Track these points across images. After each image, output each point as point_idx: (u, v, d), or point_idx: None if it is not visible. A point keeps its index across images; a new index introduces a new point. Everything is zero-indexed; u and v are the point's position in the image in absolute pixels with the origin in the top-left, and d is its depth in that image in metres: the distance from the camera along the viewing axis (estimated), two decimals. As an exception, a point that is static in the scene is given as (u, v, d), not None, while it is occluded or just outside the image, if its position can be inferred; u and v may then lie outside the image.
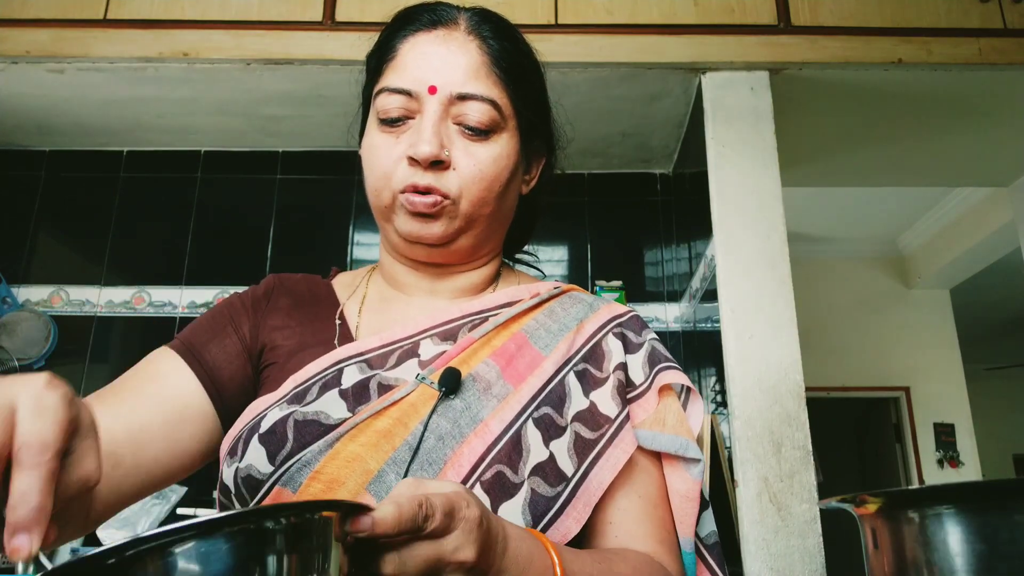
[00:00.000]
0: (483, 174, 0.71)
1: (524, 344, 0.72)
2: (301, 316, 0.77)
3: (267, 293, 0.80)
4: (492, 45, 0.72)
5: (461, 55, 0.71)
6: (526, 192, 0.80)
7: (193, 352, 0.73)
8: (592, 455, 0.67)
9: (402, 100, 0.70)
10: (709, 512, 0.73)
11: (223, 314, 0.77)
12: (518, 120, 0.74)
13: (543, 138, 0.81)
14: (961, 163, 2.53)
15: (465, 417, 0.64)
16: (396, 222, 0.72)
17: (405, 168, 0.70)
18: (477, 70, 0.71)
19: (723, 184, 1.86)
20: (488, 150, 0.71)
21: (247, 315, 0.77)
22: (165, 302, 2.29)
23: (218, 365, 0.73)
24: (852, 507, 0.49)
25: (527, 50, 0.78)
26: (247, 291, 0.81)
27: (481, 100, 0.70)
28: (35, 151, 2.43)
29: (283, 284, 0.82)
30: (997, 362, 6.10)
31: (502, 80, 0.72)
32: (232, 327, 0.76)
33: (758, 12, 1.94)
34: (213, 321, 0.76)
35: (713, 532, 0.72)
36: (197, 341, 0.74)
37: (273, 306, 0.78)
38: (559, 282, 0.83)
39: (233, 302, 0.79)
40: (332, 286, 0.83)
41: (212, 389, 0.72)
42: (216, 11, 1.94)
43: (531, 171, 0.80)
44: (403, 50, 0.72)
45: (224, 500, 0.66)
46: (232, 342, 0.75)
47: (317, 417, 0.64)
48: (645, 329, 0.79)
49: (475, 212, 0.72)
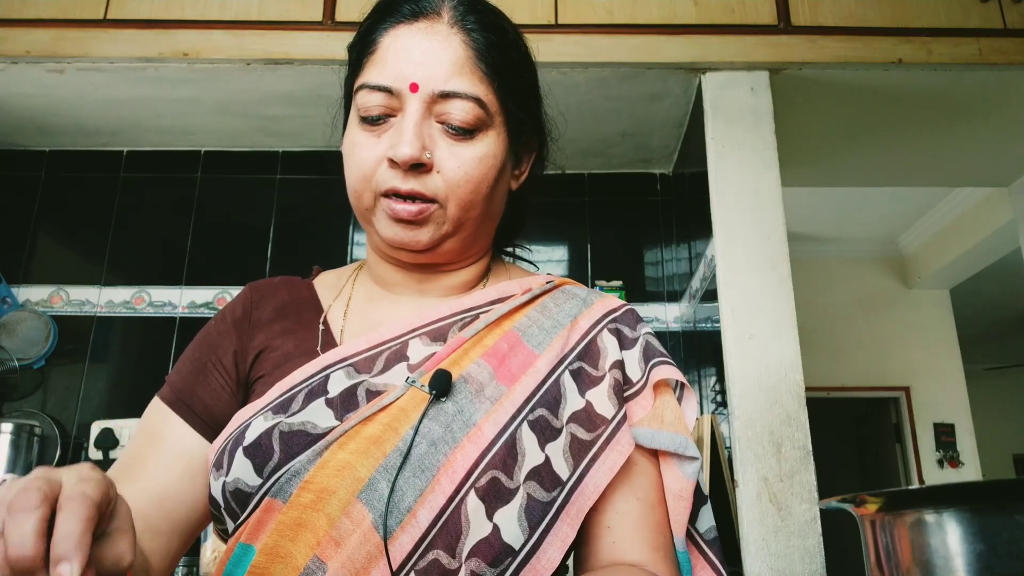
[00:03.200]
0: (469, 176, 0.67)
1: (517, 343, 0.70)
2: (283, 326, 0.75)
3: (246, 311, 0.77)
4: (477, 38, 0.68)
5: (444, 49, 0.67)
6: (516, 188, 0.77)
7: (183, 401, 0.72)
8: (588, 457, 0.65)
9: (383, 97, 0.67)
10: (708, 507, 0.71)
11: (202, 349, 0.75)
12: (505, 116, 0.71)
13: (533, 132, 0.77)
14: (961, 163, 2.53)
15: (458, 421, 0.62)
16: (378, 226, 0.70)
17: (385, 170, 0.67)
18: (461, 66, 0.67)
19: (723, 184, 1.86)
20: (473, 150, 0.68)
21: (229, 341, 0.75)
22: (165, 302, 2.29)
23: (208, 406, 0.71)
24: (852, 507, 0.49)
25: (516, 41, 0.74)
26: (224, 312, 0.78)
27: (465, 98, 0.67)
28: (35, 151, 2.43)
29: (260, 295, 0.79)
30: (997, 362, 6.10)
31: (488, 76, 0.68)
32: (211, 363, 0.73)
33: (758, 12, 1.94)
34: (194, 360, 0.74)
35: (713, 527, 0.71)
36: (183, 387, 0.73)
37: (255, 323, 0.75)
38: (551, 275, 0.80)
39: (210, 332, 0.76)
40: (314, 287, 0.80)
41: (209, 432, 0.70)
42: (216, 11, 1.94)
43: (521, 166, 0.77)
44: (383, 43, 0.69)
45: (215, 513, 0.65)
46: (215, 379, 0.73)
47: (303, 427, 0.62)
48: (640, 323, 0.76)
49: (462, 215, 0.69)
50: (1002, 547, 0.41)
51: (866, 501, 0.47)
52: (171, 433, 0.70)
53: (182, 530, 0.68)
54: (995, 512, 0.41)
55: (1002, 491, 0.43)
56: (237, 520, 0.63)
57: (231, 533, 0.64)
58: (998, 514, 0.41)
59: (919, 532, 0.44)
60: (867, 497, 0.47)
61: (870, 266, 4.79)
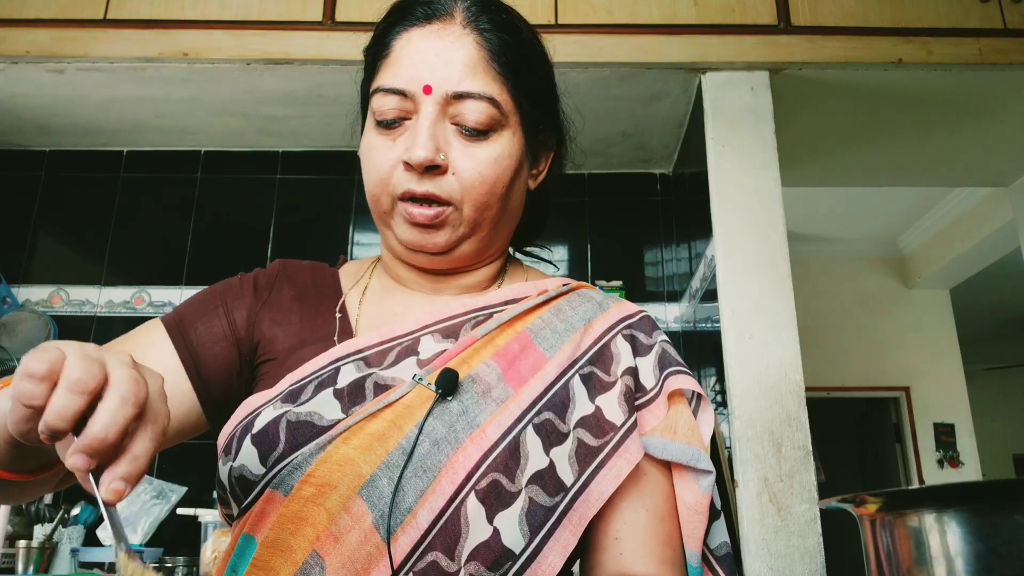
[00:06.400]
0: (484, 177, 0.67)
1: (528, 344, 0.69)
2: (302, 310, 0.75)
3: (270, 282, 0.78)
4: (490, 38, 0.68)
5: (457, 50, 0.67)
6: (534, 187, 0.77)
7: (181, 328, 0.72)
8: (594, 464, 0.64)
9: (397, 100, 0.67)
10: (721, 522, 0.69)
11: (217, 294, 0.76)
12: (521, 116, 0.71)
13: (550, 130, 0.77)
14: (961, 163, 2.53)
15: (462, 422, 0.62)
16: (396, 229, 0.70)
17: (401, 173, 0.67)
18: (474, 66, 0.67)
19: (723, 184, 1.86)
20: (488, 151, 0.68)
21: (245, 301, 0.75)
22: (165, 302, 2.29)
23: (202, 343, 0.72)
24: (852, 507, 0.49)
25: (531, 39, 0.74)
26: (251, 274, 0.79)
27: (479, 98, 0.67)
28: (35, 151, 2.43)
29: (288, 273, 0.79)
30: (997, 362, 6.10)
31: (502, 75, 0.68)
32: (223, 308, 0.74)
33: (758, 12, 1.94)
34: (208, 299, 0.75)
35: (725, 543, 0.69)
36: (187, 317, 0.73)
37: (275, 297, 0.76)
38: (568, 278, 0.79)
39: (232, 284, 0.77)
40: (339, 275, 0.80)
41: (192, 369, 0.71)
42: (216, 11, 1.94)
43: (538, 165, 0.77)
44: (397, 46, 0.69)
45: (221, 495, 0.66)
46: (220, 324, 0.73)
47: (310, 418, 0.62)
48: (656, 330, 0.75)
49: (479, 217, 0.69)
50: (1002, 547, 0.41)
51: (866, 501, 0.47)
52: (156, 350, 0.71)
53: None
54: (995, 512, 0.41)
55: (1002, 491, 0.43)
56: (241, 504, 0.63)
57: (236, 518, 0.64)
58: (998, 514, 0.41)
59: (919, 532, 0.44)
60: (867, 497, 0.47)
61: (870, 266, 4.79)
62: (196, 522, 1.74)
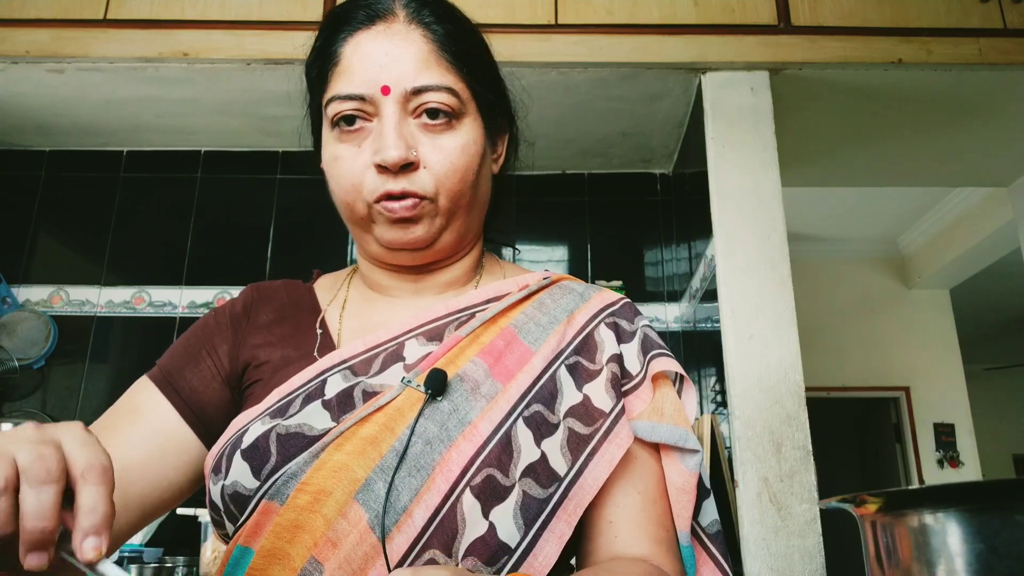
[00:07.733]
0: (455, 166, 0.68)
1: (513, 339, 0.69)
2: (283, 330, 0.75)
3: (246, 309, 0.77)
4: (436, 30, 0.69)
5: (407, 47, 0.68)
6: (496, 171, 0.78)
7: (170, 381, 0.72)
8: (587, 452, 0.65)
9: (356, 105, 0.67)
10: (711, 500, 0.71)
11: (198, 337, 0.75)
12: (478, 103, 0.72)
13: (503, 114, 0.78)
14: (961, 163, 2.53)
15: (453, 419, 0.62)
16: (376, 232, 0.70)
17: (374, 176, 0.67)
18: (426, 59, 0.68)
19: (723, 184, 1.86)
20: (455, 140, 0.69)
21: (224, 335, 0.75)
22: (165, 302, 2.29)
23: (195, 390, 0.72)
24: (852, 507, 0.49)
25: (472, 27, 0.75)
26: (224, 307, 0.78)
27: (437, 90, 0.67)
28: (35, 151, 2.43)
29: (262, 296, 0.79)
30: (997, 362, 6.10)
31: (454, 64, 0.69)
32: (206, 351, 0.74)
33: (758, 12, 1.94)
34: (188, 345, 0.75)
35: (716, 521, 0.70)
36: (174, 368, 0.73)
37: (253, 323, 0.76)
38: (548, 271, 0.80)
39: (208, 322, 0.77)
40: (314, 291, 0.81)
41: (192, 417, 0.70)
42: (216, 11, 1.94)
43: (497, 149, 0.78)
44: (346, 52, 0.69)
45: (215, 517, 0.65)
46: (207, 366, 0.73)
47: (300, 429, 0.62)
48: (637, 316, 0.76)
49: (454, 206, 0.70)
50: (1002, 547, 0.41)
51: (866, 501, 0.47)
52: (152, 410, 0.70)
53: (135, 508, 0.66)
54: (995, 512, 0.41)
55: (1002, 491, 0.43)
56: (236, 522, 0.63)
57: (231, 536, 0.64)
58: (998, 514, 0.41)
59: (919, 532, 0.44)
60: (867, 497, 0.47)
61: (870, 266, 4.79)
62: (196, 522, 1.74)
